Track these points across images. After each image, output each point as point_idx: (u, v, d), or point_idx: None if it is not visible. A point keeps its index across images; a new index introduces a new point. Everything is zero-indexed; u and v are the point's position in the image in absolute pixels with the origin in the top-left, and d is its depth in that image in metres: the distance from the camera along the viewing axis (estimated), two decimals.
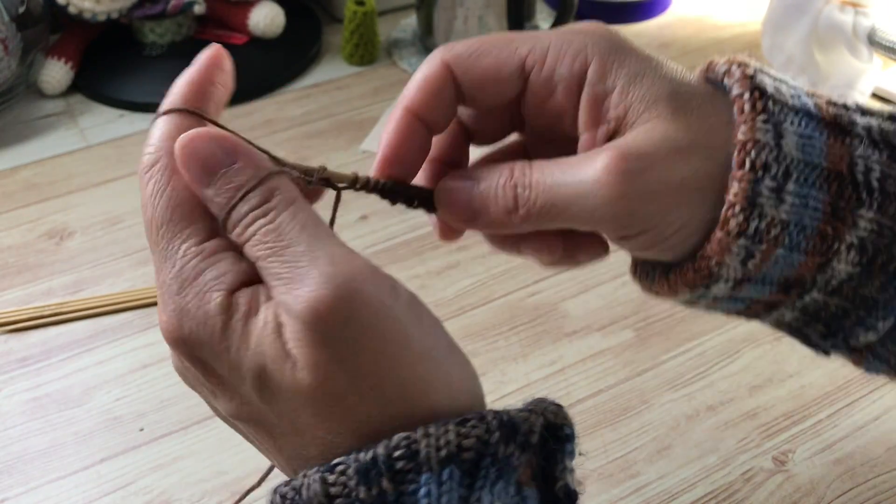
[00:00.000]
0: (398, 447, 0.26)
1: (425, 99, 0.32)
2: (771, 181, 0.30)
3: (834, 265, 0.31)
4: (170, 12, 0.82)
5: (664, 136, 0.30)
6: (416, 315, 0.28)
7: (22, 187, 0.72)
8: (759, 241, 0.30)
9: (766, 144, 0.30)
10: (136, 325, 0.59)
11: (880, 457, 0.51)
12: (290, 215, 0.28)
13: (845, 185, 0.31)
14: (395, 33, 0.92)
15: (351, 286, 0.26)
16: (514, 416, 0.27)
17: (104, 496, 0.49)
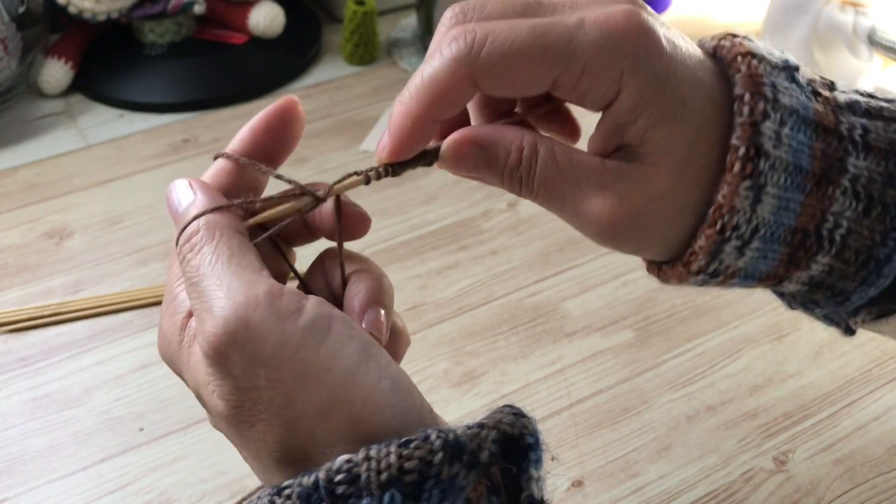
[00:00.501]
0: (339, 471, 0.26)
1: (441, 107, 0.31)
2: (736, 241, 0.32)
3: (784, 285, 0.35)
4: (170, 12, 0.82)
5: (661, 195, 0.32)
6: (317, 336, 0.28)
7: (22, 187, 0.72)
8: (716, 276, 0.33)
9: (739, 210, 0.31)
10: (135, 326, 0.59)
11: (880, 457, 0.51)
12: (211, 248, 0.29)
13: (808, 238, 0.33)
14: (395, 33, 0.92)
15: (240, 318, 0.27)
16: (461, 435, 0.27)
17: (104, 496, 0.49)
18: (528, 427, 0.29)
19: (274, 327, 0.27)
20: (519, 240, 0.66)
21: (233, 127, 0.79)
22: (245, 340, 0.27)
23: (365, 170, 0.33)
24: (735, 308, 0.60)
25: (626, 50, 0.30)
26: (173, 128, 0.79)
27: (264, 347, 0.27)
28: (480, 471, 0.27)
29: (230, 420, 0.29)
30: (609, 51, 0.30)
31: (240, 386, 0.28)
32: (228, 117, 0.80)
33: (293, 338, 0.27)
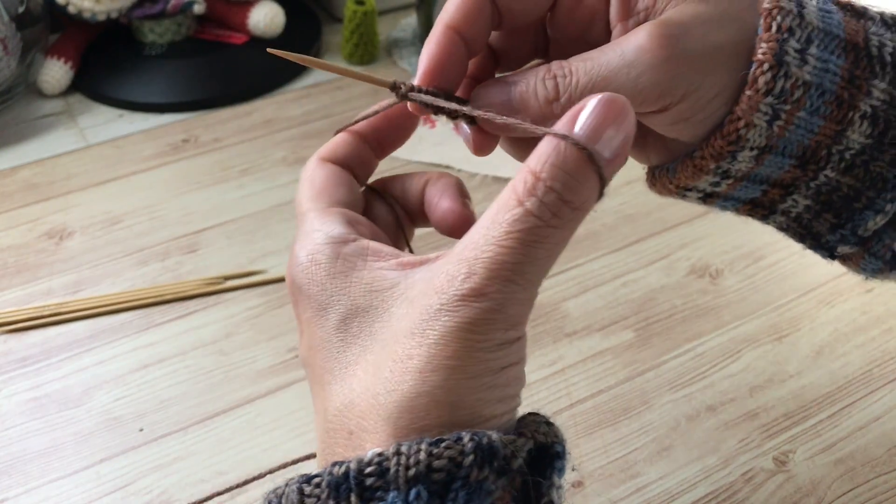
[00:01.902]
0: (370, 463, 0.26)
1: (465, 16, 0.33)
2: (796, 43, 0.32)
3: (848, 135, 0.33)
4: (169, 12, 0.82)
5: (697, 10, 0.32)
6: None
7: (21, 187, 0.72)
8: (783, 100, 0.32)
9: (789, 11, 0.32)
10: (135, 326, 0.59)
11: (881, 457, 0.50)
12: (558, 238, 0.29)
13: (861, 57, 0.33)
14: (395, 33, 0.92)
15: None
16: (495, 441, 0.27)
17: (104, 496, 0.49)
18: (558, 436, 0.29)
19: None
20: None
21: (232, 127, 0.79)
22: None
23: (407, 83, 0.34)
24: (735, 308, 0.60)
25: None
26: (173, 128, 0.79)
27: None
28: (511, 478, 0.27)
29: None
30: None
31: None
32: (228, 117, 0.80)
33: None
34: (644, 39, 0.31)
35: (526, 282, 0.27)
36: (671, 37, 0.31)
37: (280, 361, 0.57)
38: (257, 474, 0.41)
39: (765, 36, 0.32)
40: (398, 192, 0.38)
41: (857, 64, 0.33)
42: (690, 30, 0.32)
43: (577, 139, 0.27)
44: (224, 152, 0.76)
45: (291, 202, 0.70)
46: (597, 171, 0.27)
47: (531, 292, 0.28)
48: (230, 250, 0.65)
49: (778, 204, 0.37)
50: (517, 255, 0.27)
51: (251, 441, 0.52)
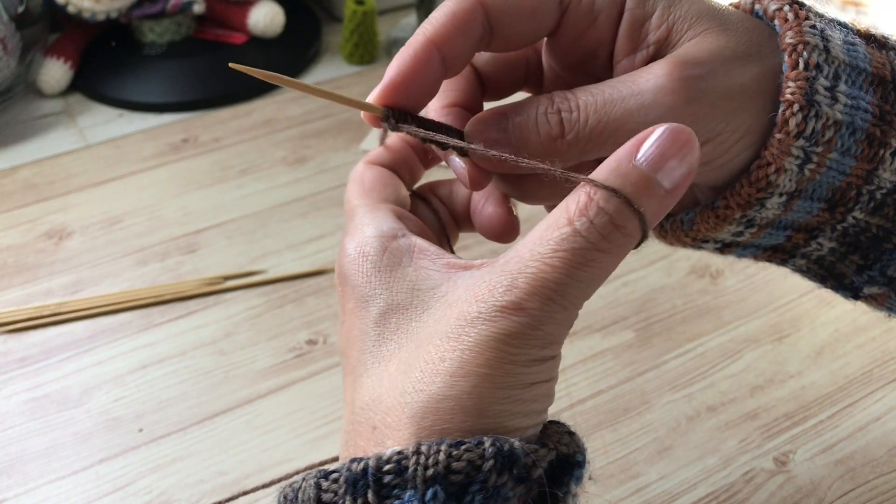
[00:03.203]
0: (389, 461, 0.26)
1: (452, 34, 0.30)
2: (825, 80, 0.30)
3: (879, 173, 0.32)
4: (169, 12, 0.82)
5: (718, 46, 0.30)
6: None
7: (21, 187, 0.72)
8: (815, 142, 0.31)
9: (815, 46, 0.30)
10: (135, 326, 0.59)
11: (881, 457, 0.50)
12: (602, 265, 0.28)
13: (889, 91, 0.31)
14: (394, 32, 0.92)
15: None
16: (517, 448, 0.26)
17: (103, 497, 0.49)
18: (580, 446, 0.29)
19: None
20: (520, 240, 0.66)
21: (232, 127, 0.79)
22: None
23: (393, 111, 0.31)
24: (736, 308, 0.60)
25: None
26: (173, 127, 0.79)
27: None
28: (529, 486, 0.27)
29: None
30: None
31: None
32: (228, 117, 0.80)
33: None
34: (663, 79, 0.29)
35: (567, 303, 0.27)
36: (693, 78, 0.29)
37: (280, 361, 0.56)
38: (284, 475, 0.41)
39: (792, 74, 0.30)
40: (444, 195, 0.38)
41: (885, 98, 0.31)
42: (713, 70, 0.30)
43: (633, 190, 0.27)
44: (224, 152, 0.76)
45: (291, 202, 0.70)
46: (641, 229, 0.27)
47: (571, 314, 0.28)
48: (230, 250, 0.65)
49: (800, 248, 0.36)
50: (561, 274, 0.27)
51: (251, 441, 0.52)
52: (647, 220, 0.27)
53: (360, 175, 0.35)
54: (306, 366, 0.56)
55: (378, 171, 0.36)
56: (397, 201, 0.34)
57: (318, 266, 0.64)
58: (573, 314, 0.28)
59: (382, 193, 0.34)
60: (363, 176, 0.35)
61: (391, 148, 0.37)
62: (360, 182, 0.35)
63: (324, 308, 0.60)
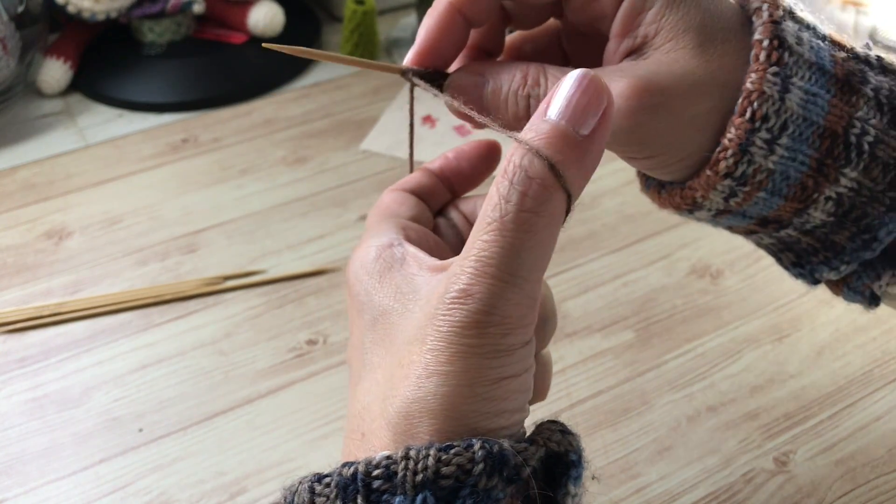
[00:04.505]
0: (378, 466, 0.26)
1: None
2: (766, 133, 0.31)
3: (810, 212, 0.33)
4: (169, 11, 0.82)
5: (685, 71, 0.31)
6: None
7: (20, 187, 0.72)
8: (743, 183, 0.32)
9: (769, 97, 0.31)
10: (134, 326, 0.59)
11: (881, 457, 0.50)
12: (540, 226, 0.28)
13: (837, 144, 0.32)
14: (394, 32, 0.92)
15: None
16: (506, 449, 0.26)
17: (103, 497, 0.49)
18: (574, 444, 0.29)
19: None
20: None
21: (232, 126, 0.79)
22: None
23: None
24: (736, 308, 0.60)
25: None
26: (172, 127, 0.79)
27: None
28: (520, 486, 0.27)
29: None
30: None
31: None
32: (228, 117, 0.80)
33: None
34: (621, 101, 0.31)
35: (513, 278, 0.26)
36: (648, 106, 0.31)
37: (280, 361, 0.56)
38: None
39: (737, 121, 0.31)
40: (468, 211, 0.38)
41: (830, 152, 0.32)
42: (671, 98, 0.31)
43: (544, 141, 0.27)
44: (223, 152, 0.76)
45: (291, 202, 0.70)
46: (559, 181, 0.27)
47: (524, 291, 0.27)
48: (230, 250, 0.65)
49: (745, 236, 0.38)
50: (498, 248, 0.26)
51: (251, 441, 0.51)
52: (568, 170, 0.27)
53: (379, 201, 0.36)
54: (306, 366, 0.56)
55: (396, 193, 0.36)
56: (412, 218, 0.35)
57: (318, 266, 0.63)
58: (528, 292, 0.27)
59: (397, 212, 0.35)
60: (381, 200, 0.36)
61: (415, 177, 0.38)
62: (378, 205, 0.36)
63: (324, 308, 0.60)
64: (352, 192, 0.71)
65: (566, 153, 0.27)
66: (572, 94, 0.27)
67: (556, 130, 0.27)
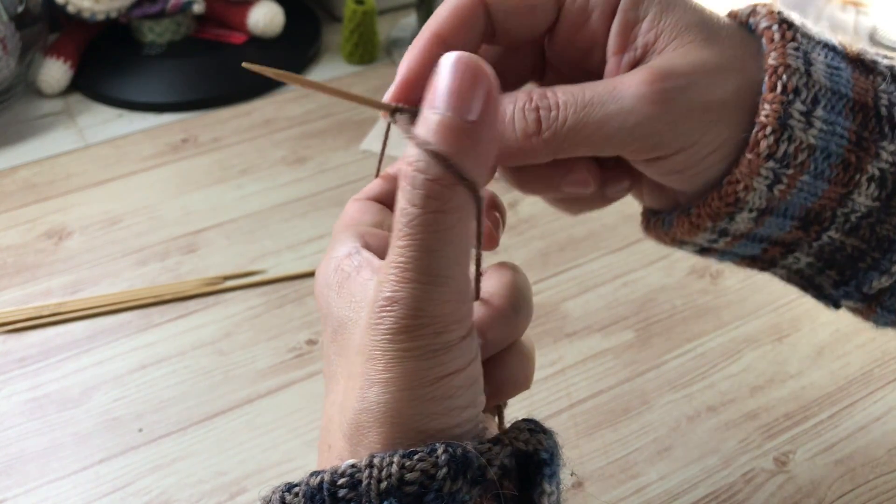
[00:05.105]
0: (343, 475, 0.26)
1: (455, 26, 0.32)
2: (801, 105, 0.30)
3: (854, 197, 0.32)
4: (169, 11, 0.82)
5: (700, 58, 0.30)
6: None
7: (20, 187, 0.72)
8: (786, 164, 0.31)
9: (796, 70, 0.30)
10: (134, 326, 0.59)
11: (881, 457, 0.50)
12: (451, 222, 0.27)
13: (869, 118, 0.31)
14: (394, 32, 0.92)
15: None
16: (469, 452, 0.26)
17: (103, 497, 0.49)
18: (543, 443, 0.28)
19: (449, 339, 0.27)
20: (519, 240, 0.66)
21: (232, 126, 0.79)
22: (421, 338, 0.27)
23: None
24: (736, 309, 0.60)
25: None
26: (172, 127, 0.79)
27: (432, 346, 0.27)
28: (487, 487, 0.27)
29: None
30: None
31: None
32: (228, 117, 0.80)
33: (474, 351, 0.28)
34: (644, 88, 0.30)
35: (434, 278, 0.26)
36: (672, 90, 0.30)
37: (279, 361, 0.56)
38: None
39: (769, 96, 0.30)
40: None
41: (865, 125, 0.31)
42: (693, 82, 0.30)
43: (434, 136, 0.26)
44: (223, 152, 0.76)
45: (291, 202, 0.70)
46: (457, 175, 0.26)
47: (449, 287, 0.26)
48: (230, 250, 0.65)
49: (779, 260, 0.36)
50: (412, 251, 0.26)
51: (251, 441, 0.51)
52: (464, 161, 0.26)
53: (343, 211, 0.36)
54: (306, 366, 0.56)
55: (358, 203, 0.36)
56: (375, 224, 0.34)
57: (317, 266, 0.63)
58: (454, 286, 0.26)
59: (359, 220, 0.34)
60: (345, 212, 0.35)
61: (376, 184, 0.37)
62: (342, 216, 0.35)
63: None
64: (352, 192, 0.71)
65: (458, 144, 0.26)
66: (452, 82, 0.26)
67: (443, 122, 0.26)
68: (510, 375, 0.32)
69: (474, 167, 0.26)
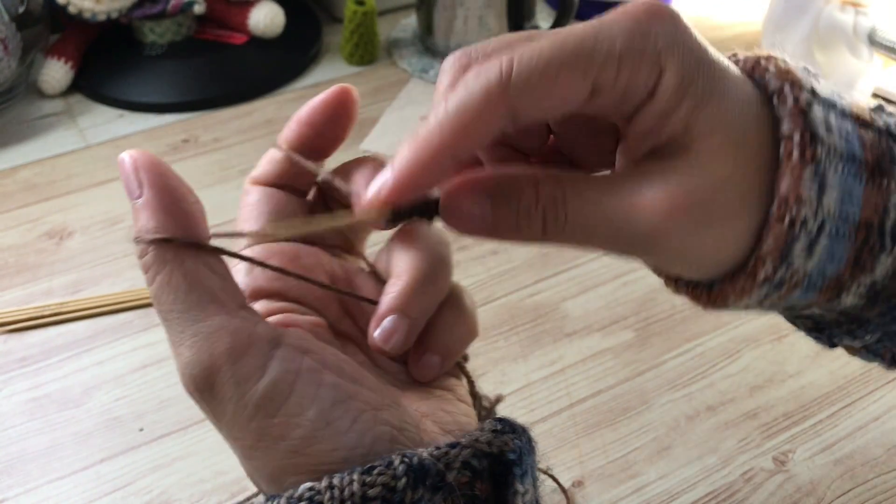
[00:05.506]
0: (301, 498, 0.26)
1: (470, 141, 0.28)
2: (805, 238, 0.29)
3: (842, 298, 0.31)
4: (170, 12, 0.82)
5: (726, 180, 0.28)
6: (275, 402, 0.27)
7: (21, 187, 0.72)
8: (779, 286, 0.30)
9: (807, 201, 0.29)
10: (135, 326, 0.59)
11: (880, 457, 0.51)
12: (165, 279, 0.27)
13: (872, 234, 0.30)
14: (395, 33, 0.92)
15: (203, 378, 0.27)
16: (425, 459, 0.26)
17: (103, 496, 0.49)
18: (510, 443, 0.28)
19: (233, 392, 0.27)
20: None
21: (232, 127, 0.79)
22: (209, 399, 0.28)
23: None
24: None
25: (658, 28, 0.28)
26: (173, 128, 0.79)
27: (224, 411, 0.27)
28: (449, 491, 0.26)
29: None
30: (641, 34, 0.27)
31: (214, 423, 0.29)
32: (228, 117, 0.80)
33: (250, 405, 0.27)
34: (662, 219, 0.28)
35: (175, 317, 0.27)
36: (692, 223, 0.28)
37: None
38: None
39: (775, 228, 0.28)
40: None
41: (866, 243, 0.30)
42: (713, 212, 0.28)
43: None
44: (224, 152, 0.76)
45: None
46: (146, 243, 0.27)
47: (195, 318, 0.27)
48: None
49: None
50: (152, 290, 0.27)
51: None
52: (144, 231, 0.28)
53: (243, 200, 0.37)
54: None
55: (259, 193, 0.36)
56: (280, 216, 0.35)
57: None
58: (199, 317, 0.27)
59: (260, 220, 0.35)
60: (243, 201, 0.37)
61: (272, 158, 0.36)
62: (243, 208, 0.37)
63: None
64: None
65: (141, 221, 0.28)
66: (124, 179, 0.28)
67: (135, 209, 0.28)
68: (451, 333, 0.32)
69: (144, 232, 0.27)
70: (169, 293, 0.27)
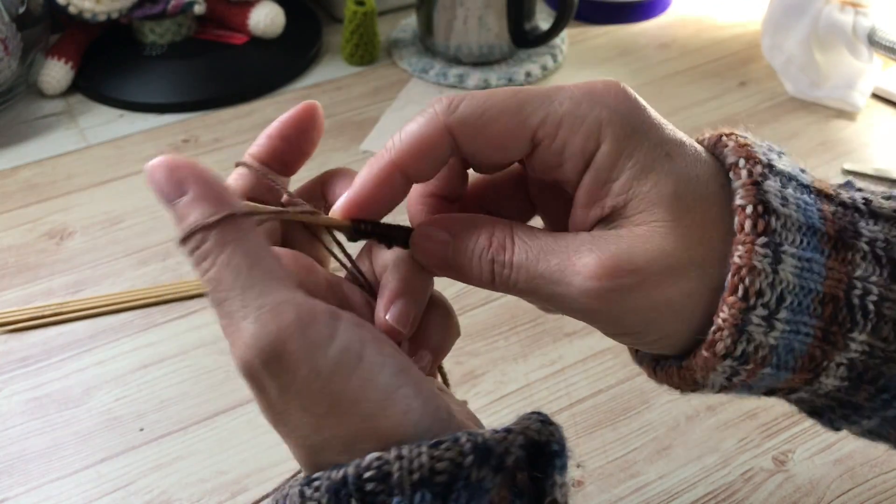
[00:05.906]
0: (369, 468, 0.26)
1: (416, 161, 0.31)
2: (763, 309, 0.29)
3: (822, 379, 0.31)
4: (170, 12, 0.82)
5: (660, 251, 0.29)
6: (348, 366, 0.27)
7: (22, 187, 0.72)
8: (745, 361, 0.30)
9: (761, 271, 0.29)
10: (136, 325, 0.59)
11: (880, 456, 0.51)
12: (226, 260, 0.28)
13: (840, 309, 0.30)
14: (395, 33, 0.92)
15: (273, 349, 0.27)
16: (489, 439, 0.27)
17: (104, 496, 0.49)
18: (555, 434, 0.29)
19: (305, 359, 0.27)
20: None
21: (233, 127, 0.79)
22: (277, 372, 0.27)
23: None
24: None
25: (605, 102, 0.30)
26: (173, 128, 0.79)
27: (296, 379, 0.27)
28: (506, 474, 0.27)
29: (269, 418, 0.30)
30: (587, 103, 0.30)
31: (273, 407, 0.28)
32: (228, 117, 0.80)
33: (324, 370, 0.27)
34: (591, 283, 0.29)
35: (236, 295, 0.28)
36: (619, 289, 0.29)
37: None
38: None
39: (729, 299, 0.29)
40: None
41: (834, 318, 0.30)
42: (644, 280, 0.29)
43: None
44: (224, 152, 0.76)
45: None
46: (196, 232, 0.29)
47: (259, 293, 0.28)
48: None
49: None
50: (212, 275, 0.29)
51: (251, 440, 0.52)
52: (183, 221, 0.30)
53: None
54: None
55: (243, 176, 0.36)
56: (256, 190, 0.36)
57: None
58: (244, 302, 0.28)
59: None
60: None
61: (241, 176, 0.36)
62: None
63: None
64: None
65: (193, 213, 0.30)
66: (157, 183, 0.31)
67: (177, 209, 0.30)
68: (441, 332, 0.34)
69: (210, 212, 0.29)
70: (230, 273, 0.28)
